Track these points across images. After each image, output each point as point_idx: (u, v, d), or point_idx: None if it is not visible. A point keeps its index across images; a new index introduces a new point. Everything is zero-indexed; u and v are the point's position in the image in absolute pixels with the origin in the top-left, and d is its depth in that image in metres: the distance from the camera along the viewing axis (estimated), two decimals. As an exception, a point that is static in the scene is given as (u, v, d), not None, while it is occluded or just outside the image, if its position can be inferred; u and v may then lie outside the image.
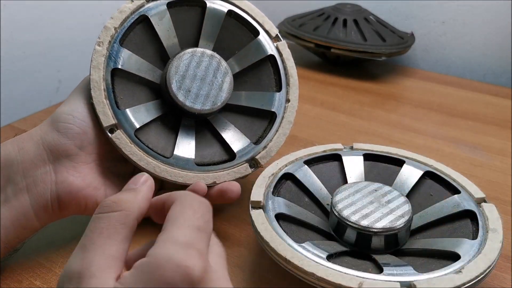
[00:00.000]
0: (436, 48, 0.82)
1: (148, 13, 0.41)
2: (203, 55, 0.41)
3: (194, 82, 0.40)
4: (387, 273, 0.31)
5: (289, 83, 0.44)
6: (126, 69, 0.40)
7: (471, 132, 0.60)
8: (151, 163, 0.38)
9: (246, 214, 0.44)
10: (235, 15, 0.44)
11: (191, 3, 0.43)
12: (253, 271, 0.38)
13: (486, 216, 0.36)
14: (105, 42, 0.40)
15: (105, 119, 0.38)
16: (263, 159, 0.42)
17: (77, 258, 0.24)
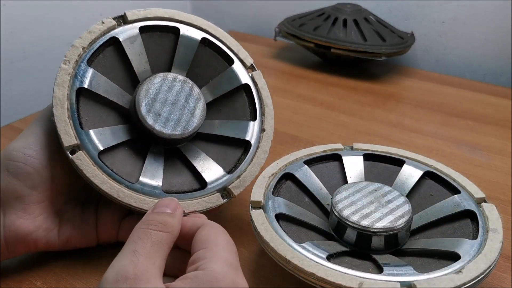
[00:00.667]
0: (436, 48, 0.82)
1: (119, 36, 0.40)
2: (175, 80, 0.39)
3: (164, 106, 0.38)
4: (387, 273, 0.31)
5: (264, 113, 0.43)
6: (93, 90, 0.38)
7: (471, 132, 0.60)
8: (115, 187, 0.35)
9: (246, 214, 0.44)
10: (209, 43, 0.43)
11: (164, 29, 0.42)
12: (253, 271, 0.38)
13: (486, 216, 0.36)
14: (72, 60, 0.38)
15: (66, 138, 0.35)
16: (236, 189, 0.39)
17: (129, 261, 0.27)
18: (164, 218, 0.31)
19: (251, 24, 0.99)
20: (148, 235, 0.29)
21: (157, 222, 0.30)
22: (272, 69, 0.79)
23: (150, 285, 0.26)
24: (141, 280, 0.26)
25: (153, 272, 0.27)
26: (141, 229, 0.30)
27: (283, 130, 0.59)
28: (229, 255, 0.29)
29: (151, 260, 0.28)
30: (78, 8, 0.79)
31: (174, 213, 0.32)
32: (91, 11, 0.81)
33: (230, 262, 0.29)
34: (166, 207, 0.32)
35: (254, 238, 0.41)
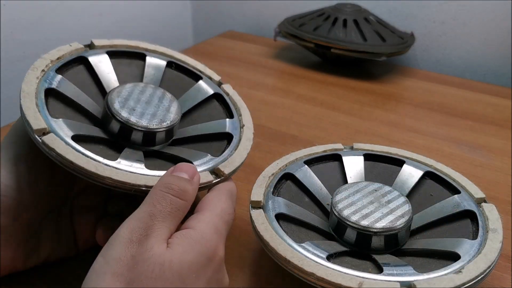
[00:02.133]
0: (436, 48, 0.82)
1: (87, 55, 0.40)
2: (146, 86, 0.39)
3: (138, 103, 0.37)
4: (387, 273, 0.31)
5: (241, 113, 0.43)
6: (62, 91, 0.36)
7: (471, 132, 0.60)
8: (91, 162, 0.32)
9: (246, 214, 0.44)
10: (176, 65, 0.44)
11: (131, 55, 0.43)
12: (253, 271, 0.38)
13: (486, 216, 0.36)
14: (39, 68, 0.37)
15: (34, 122, 0.32)
16: (226, 168, 0.37)
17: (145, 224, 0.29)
18: (184, 185, 0.32)
19: (251, 24, 0.99)
20: (168, 200, 0.30)
21: (177, 188, 0.31)
22: (272, 69, 0.79)
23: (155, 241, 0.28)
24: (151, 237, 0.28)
25: (164, 233, 0.29)
26: (161, 191, 0.31)
27: (283, 130, 0.59)
28: (220, 222, 0.32)
29: (166, 223, 0.29)
30: (78, 9, 0.79)
31: (192, 180, 0.32)
32: (91, 11, 0.81)
33: (218, 228, 0.31)
34: (184, 172, 0.33)
35: (254, 238, 0.41)
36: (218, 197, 0.34)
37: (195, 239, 0.30)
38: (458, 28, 0.79)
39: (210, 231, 0.30)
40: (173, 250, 0.28)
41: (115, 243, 0.28)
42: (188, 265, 0.28)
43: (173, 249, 0.29)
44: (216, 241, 0.30)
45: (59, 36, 0.77)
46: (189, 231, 0.30)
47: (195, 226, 0.31)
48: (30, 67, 0.37)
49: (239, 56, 0.84)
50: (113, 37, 0.92)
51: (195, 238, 0.30)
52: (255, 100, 0.67)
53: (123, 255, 0.27)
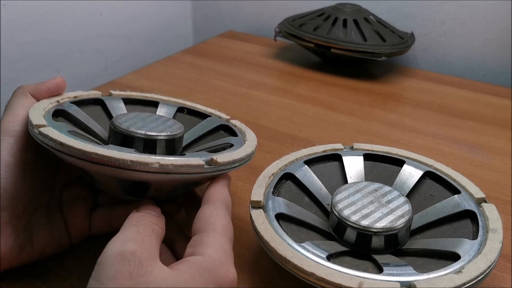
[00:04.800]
0: (436, 48, 0.82)
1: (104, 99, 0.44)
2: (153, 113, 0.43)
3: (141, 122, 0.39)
4: (387, 273, 0.31)
5: (245, 134, 0.43)
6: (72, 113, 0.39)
7: (471, 132, 0.60)
8: (88, 146, 0.32)
9: (246, 214, 0.44)
10: (188, 110, 0.47)
11: (145, 103, 0.46)
12: (253, 271, 0.38)
13: (486, 216, 0.36)
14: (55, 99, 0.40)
15: (36, 119, 0.34)
16: (221, 157, 0.35)
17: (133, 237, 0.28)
18: (153, 217, 0.32)
19: (251, 24, 0.99)
20: (146, 222, 0.30)
21: (150, 216, 0.31)
22: (272, 69, 0.79)
23: (155, 263, 0.27)
24: (148, 257, 0.27)
25: (156, 253, 0.28)
26: (138, 214, 0.31)
27: (283, 130, 0.59)
28: (225, 241, 0.30)
29: (153, 243, 0.29)
30: (78, 9, 0.79)
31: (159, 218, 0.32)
32: (91, 11, 0.81)
33: (225, 248, 0.30)
34: (151, 211, 0.32)
35: (254, 238, 0.41)
36: (215, 212, 0.32)
37: (205, 266, 0.28)
38: (458, 28, 0.79)
39: (219, 255, 0.29)
40: (178, 276, 0.27)
41: (107, 260, 0.26)
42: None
43: (178, 275, 0.27)
44: (227, 264, 0.29)
45: (59, 36, 0.77)
46: (196, 258, 0.29)
47: (203, 252, 0.29)
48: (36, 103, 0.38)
49: (239, 56, 0.84)
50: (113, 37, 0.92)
51: (205, 265, 0.28)
52: (255, 100, 0.67)
53: (118, 272, 0.26)
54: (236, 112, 0.61)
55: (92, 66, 0.84)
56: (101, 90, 0.70)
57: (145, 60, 0.93)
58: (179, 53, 0.86)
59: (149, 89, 0.70)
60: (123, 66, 0.90)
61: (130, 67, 0.89)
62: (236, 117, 0.47)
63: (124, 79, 0.74)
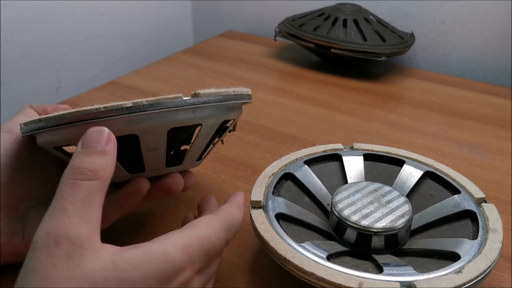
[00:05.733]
0: (436, 48, 0.82)
1: None
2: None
3: None
4: (387, 273, 0.31)
5: None
6: None
7: (471, 132, 0.60)
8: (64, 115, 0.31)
9: (246, 214, 0.44)
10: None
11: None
12: (253, 271, 0.38)
13: (486, 216, 0.36)
14: None
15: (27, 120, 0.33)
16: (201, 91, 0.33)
17: (59, 222, 0.25)
18: (93, 161, 0.27)
19: (251, 24, 0.99)
20: (77, 188, 0.26)
21: (85, 170, 0.27)
22: (272, 69, 0.79)
23: (86, 253, 0.24)
24: (76, 245, 0.24)
25: (87, 233, 0.25)
26: (68, 180, 0.26)
27: (283, 130, 0.59)
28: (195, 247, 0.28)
29: (83, 219, 0.25)
30: (78, 9, 0.79)
31: (105, 151, 0.28)
32: (91, 11, 0.81)
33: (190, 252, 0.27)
34: (96, 143, 0.28)
35: (254, 238, 0.41)
36: (212, 223, 0.30)
37: (153, 255, 0.25)
38: (458, 28, 0.79)
39: (178, 252, 0.26)
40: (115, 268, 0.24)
41: (32, 252, 0.24)
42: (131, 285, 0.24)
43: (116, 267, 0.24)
44: (181, 262, 0.26)
45: (59, 36, 0.77)
46: (150, 245, 0.26)
47: (162, 241, 0.27)
48: None
49: (239, 56, 0.84)
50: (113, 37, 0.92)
51: (154, 254, 0.25)
52: (255, 100, 0.67)
53: (42, 265, 0.23)
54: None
55: (92, 66, 0.84)
56: (101, 90, 0.70)
57: (145, 60, 0.93)
58: (179, 53, 0.86)
59: (149, 89, 0.70)
60: (123, 66, 0.90)
61: (130, 67, 0.89)
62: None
63: (124, 79, 0.74)
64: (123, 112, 0.30)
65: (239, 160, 0.53)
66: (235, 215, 0.32)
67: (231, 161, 0.52)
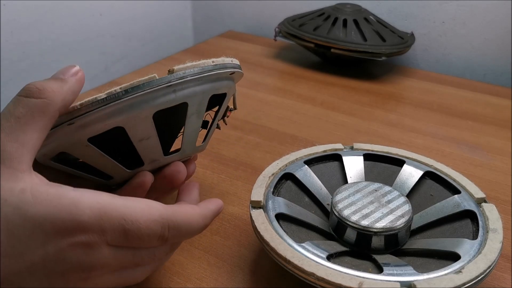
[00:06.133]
0: (436, 48, 0.82)
1: None
2: None
3: None
4: (387, 273, 0.31)
5: None
6: None
7: (471, 132, 0.60)
8: None
9: (246, 214, 0.44)
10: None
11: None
12: (253, 271, 0.38)
13: (486, 216, 0.36)
14: None
15: None
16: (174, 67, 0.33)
17: None
18: (43, 83, 0.25)
19: (251, 24, 0.99)
20: (17, 104, 0.24)
21: (32, 87, 0.25)
22: (272, 69, 0.79)
23: (3, 167, 0.23)
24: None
25: (12, 151, 0.23)
26: (16, 96, 0.25)
27: (283, 130, 0.59)
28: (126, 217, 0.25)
29: (12, 137, 0.23)
30: (78, 9, 0.79)
31: (64, 78, 0.27)
32: (91, 11, 0.81)
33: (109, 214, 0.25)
34: (61, 73, 0.27)
35: (254, 238, 0.41)
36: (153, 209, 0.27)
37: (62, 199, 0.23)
38: (458, 28, 0.79)
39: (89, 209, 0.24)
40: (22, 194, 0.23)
41: None
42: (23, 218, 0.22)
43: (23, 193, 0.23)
44: (88, 222, 0.24)
45: (59, 36, 0.77)
46: (66, 189, 0.24)
47: (80, 191, 0.24)
48: None
49: (239, 56, 0.84)
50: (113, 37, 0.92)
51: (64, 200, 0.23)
52: (255, 100, 0.67)
53: None
54: (236, 112, 0.61)
55: (92, 66, 0.84)
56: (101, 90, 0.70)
57: (145, 60, 0.93)
58: (179, 53, 0.86)
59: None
60: (123, 66, 0.90)
61: (130, 67, 0.89)
62: (236, 117, 0.47)
63: (124, 79, 0.74)
64: (99, 105, 0.29)
65: (239, 160, 0.53)
66: (190, 220, 0.29)
67: (231, 161, 0.52)
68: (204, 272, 0.38)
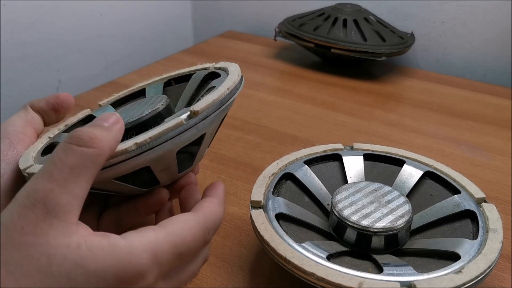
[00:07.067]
0: (436, 48, 0.82)
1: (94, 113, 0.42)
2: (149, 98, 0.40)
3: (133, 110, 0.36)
4: (387, 273, 0.31)
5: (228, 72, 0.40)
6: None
7: (471, 132, 0.60)
8: None
9: (246, 214, 0.44)
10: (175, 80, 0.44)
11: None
12: (253, 271, 0.38)
13: (486, 216, 0.36)
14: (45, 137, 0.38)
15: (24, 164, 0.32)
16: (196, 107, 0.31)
17: (42, 186, 0.23)
18: (93, 131, 0.25)
19: (251, 24, 0.99)
20: (69, 153, 0.24)
21: (84, 135, 0.25)
22: (272, 69, 0.79)
23: (55, 222, 0.23)
24: (48, 214, 0.23)
25: (66, 204, 0.23)
26: (64, 143, 0.25)
27: (283, 130, 0.59)
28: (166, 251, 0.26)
29: (67, 189, 0.24)
30: (78, 9, 0.79)
31: (109, 127, 0.27)
32: (91, 11, 0.81)
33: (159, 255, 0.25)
34: (104, 121, 0.27)
35: (254, 238, 0.41)
36: (190, 223, 0.27)
37: (117, 249, 0.24)
38: (458, 28, 0.79)
39: (144, 254, 0.24)
40: (79, 249, 0.23)
41: (10, 207, 0.23)
42: (86, 274, 0.23)
43: (79, 248, 0.23)
44: (146, 265, 0.24)
45: (59, 36, 0.77)
46: (118, 240, 0.24)
47: (130, 238, 0.25)
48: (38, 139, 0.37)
49: (239, 56, 0.84)
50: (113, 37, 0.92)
51: (119, 249, 0.24)
52: (255, 100, 0.67)
53: (11, 223, 0.23)
54: (236, 112, 0.61)
55: (92, 66, 0.84)
56: (101, 90, 0.70)
57: (145, 60, 0.93)
58: (179, 53, 0.86)
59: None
60: (123, 66, 0.90)
61: (130, 67, 0.89)
62: (236, 117, 0.47)
63: (124, 79, 0.74)
64: (130, 155, 0.29)
65: (239, 160, 0.53)
66: (216, 213, 0.30)
67: (231, 161, 0.52)
68: (204, 272, 0.38)
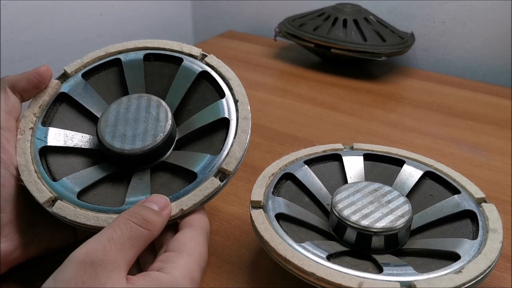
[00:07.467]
0: (436, 48, 0.82)
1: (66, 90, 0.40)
2: (130, 100, 0.39)
3: (127, 125, 0.37)
4: (387, 273, 0.31)
5: (231, 86, 0.40)
6: (56, 145, 0.38)
7: (471, 132, 0.60)
8: (101, 217, 0.34)
9: (246, 214, 0.44)
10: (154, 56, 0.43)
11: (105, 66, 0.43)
12: (253, 271, 0.38)
13: (486, 216, 0.36)
14: (26, 129, 0.38)
15: (40, 195, 0.34)
16: (229, 165, 0.36)
17: (103, 247, 0.28)
18: (149, 214, 0.31)
19: (251, 24, 0.99)
20: (128, 227, 0.29)
21: (141, 217, 0.30)
22: (272, 69, 0.79)
23: (113, 275, 0.27)
24: (106, 269, 0.27)
25: (120, 264, 0.28)
26: (124, 218, 0.30)
27: (283, 130, 0.59)
28: (196, 270, 0.30)
29: (123, 253, 0.28)
30: (78, 9, 0.79)
31: (160, 212, 0.32)
32: (91, 11, 0.81)
33: (194, 277, 0.29)
34: (155, 203, 0.32)
35: (254, 238, 0.41)
36: (196, 238, 0.32)
37: (164, 283, 0.28)
38: (458, 28, 0.79)
39: (185, 281, 0.29)
40: None
41: (68, 264, 0.27)
42: None
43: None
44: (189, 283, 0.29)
45: (59, 36, 0.77)
46: (159, 275, 0.28)
47: (169, 271, 0.28)
48: (18, 131, 0.37)
49: (239, 56, 0.84)
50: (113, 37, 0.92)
51: (164, 283, 0.28)
52: (255, 100, 0.67)
53: (73, 278, 0.26)
54: (236, 112, 0.62)
55: (92, 66, 0.84)
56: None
57: (145, 60, 0.93)
58: (179, 53, 0.86)
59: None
60: (123, 66, 0.90)
61: (130, 67, 0.89)
62: (236, 117, 0.47)
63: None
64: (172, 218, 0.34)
65: (239, 160, 0.53)
66: (205, 221, 0.34)
67: (231, 161, 0.52)
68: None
